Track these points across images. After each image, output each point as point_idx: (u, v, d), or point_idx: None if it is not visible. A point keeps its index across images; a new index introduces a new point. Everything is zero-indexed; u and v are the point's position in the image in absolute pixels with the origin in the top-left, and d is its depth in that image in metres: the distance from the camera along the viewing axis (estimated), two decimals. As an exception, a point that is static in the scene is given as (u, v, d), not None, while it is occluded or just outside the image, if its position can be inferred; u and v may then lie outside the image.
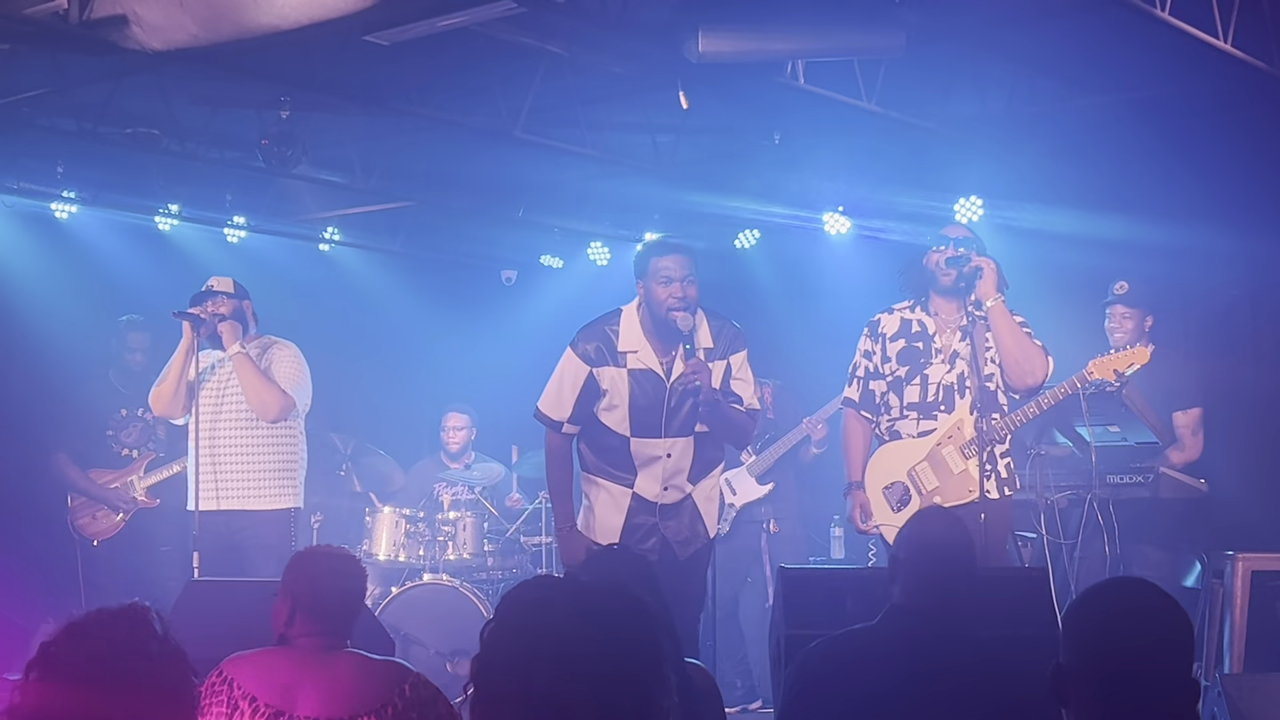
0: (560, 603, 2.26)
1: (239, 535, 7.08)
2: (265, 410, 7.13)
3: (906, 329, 6.26)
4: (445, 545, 8.65)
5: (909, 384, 6.18)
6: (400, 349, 11.19)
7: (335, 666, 3.92)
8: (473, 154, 8.91)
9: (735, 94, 7.82)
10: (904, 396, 6.19)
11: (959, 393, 6.11)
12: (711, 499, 6.10)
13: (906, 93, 7.75)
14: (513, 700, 2.19)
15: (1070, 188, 8.28)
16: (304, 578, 4.04)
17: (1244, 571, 6.67)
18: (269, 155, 8.10)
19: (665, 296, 5.81)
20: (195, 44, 5.92)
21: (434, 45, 6.90)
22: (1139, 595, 2.78)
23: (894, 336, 6.27)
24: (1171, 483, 6.82)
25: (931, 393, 6.15)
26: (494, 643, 2.24)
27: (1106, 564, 6.68)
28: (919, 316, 6.27)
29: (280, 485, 7.25)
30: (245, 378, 7.11)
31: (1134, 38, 6.77)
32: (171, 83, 7.60)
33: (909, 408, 6.17)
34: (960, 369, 6.13)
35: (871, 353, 6.29)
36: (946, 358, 6.17)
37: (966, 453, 6.03)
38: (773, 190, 9.42)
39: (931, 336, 6.21)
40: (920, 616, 3.86)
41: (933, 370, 6.16)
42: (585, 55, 7.36)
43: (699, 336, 5.91)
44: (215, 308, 7.21)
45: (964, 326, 6.18)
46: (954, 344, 6.18)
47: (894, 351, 6.24)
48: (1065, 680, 2.67)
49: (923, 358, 6.19)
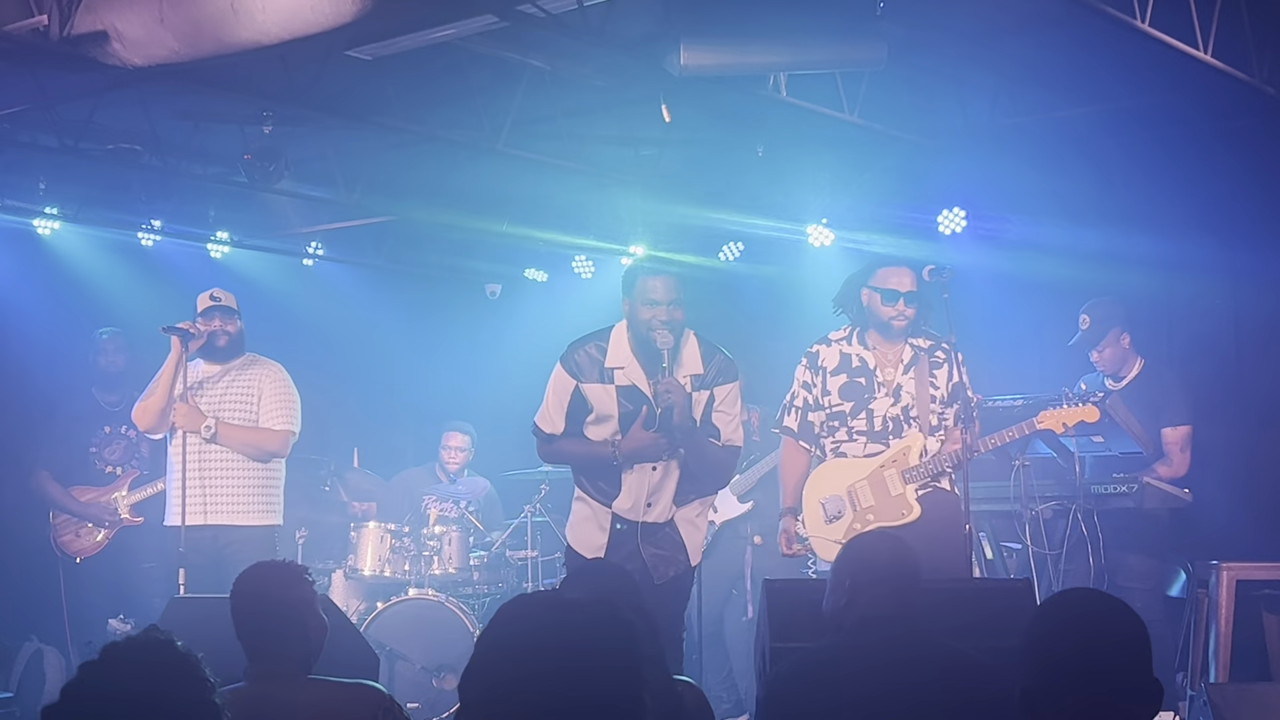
0: (543, 618, 2.27)
1: (225, 550, 7.04)
2: (266, 455, 7.17)
3: (847, 363, 6.23)
4: (431, 560, 8.62)
5: (854, 418, 6.17)
6: (384, 363, 11.18)
7: (293, 698, 3.71)
8: (456, 168, 8.91)
9: (718, 107, 7.84)
10: (852, 426, 6.18)
11: (906, 423, 6.12)
12: (697, 527, 6.06)
13: (889, 105, 7.77)
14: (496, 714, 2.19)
15: (1053, 199, 8.29)
16: (239, 599, 3.89)
17: (1229, 581, 6.68)
18: (251, 170, 8.09)
19: (649, 318, 5.81)
20: (176, 60, 5.91)
21: (416, 60, 6.90)
22: (1088, 604, 2.79)
23: (835, 371, 6.23)
24: (1156, 493, 6.82)
25: (879, 424, 6.14)
26: (478, 657, 2.26)
27: (1091, 574, 6.68)
28: (858, 350, 6.24)
29: (266, 502, 7.24)
30: (236, 444, 7.11)
31: (1115, 49, 6.80)
32: (153, 98, 7.59)
33: (858, 434, 6.17)
34: (905, 401, 6.12)
35: (811, 384, 6.26)
36: (890, 391, 6.16)
37: (907, 477, 6.05)
38: (756, 203, 9.43)
39: (873, 371, 6.19)
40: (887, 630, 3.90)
41: (877, 404, 6.15)
42: (568, 69, 7.38)
43: (687, 360, 5.90)
44: (223, 324, 7.21)
45: (906, 362, 6.18)
46: (896, 378, 6.17)
47: (835, 386, 6.21)
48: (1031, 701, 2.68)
49: (866, 393, 6.17)
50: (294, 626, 3.85)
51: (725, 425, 5.96)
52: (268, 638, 3.81)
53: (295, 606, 3.88)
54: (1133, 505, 6.79)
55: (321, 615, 3.97)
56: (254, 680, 3.77)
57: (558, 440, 6.04)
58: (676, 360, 5.84)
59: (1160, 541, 7.00)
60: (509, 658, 2.21)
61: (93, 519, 8.19)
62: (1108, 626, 2.70)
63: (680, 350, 5.88)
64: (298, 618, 3.87)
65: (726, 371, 5.97)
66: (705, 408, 5.93)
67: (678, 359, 5.86)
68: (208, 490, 7.08)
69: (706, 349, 5.97)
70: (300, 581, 3.97)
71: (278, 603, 3.86)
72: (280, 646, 3.81)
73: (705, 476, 6.01)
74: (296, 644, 3.84)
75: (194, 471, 7.05)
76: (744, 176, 9.05)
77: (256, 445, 7.15)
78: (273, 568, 4.05)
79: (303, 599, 3.92)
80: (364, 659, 5.32)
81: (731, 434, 5.98)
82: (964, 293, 7.54)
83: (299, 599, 3.91)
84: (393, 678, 7.93)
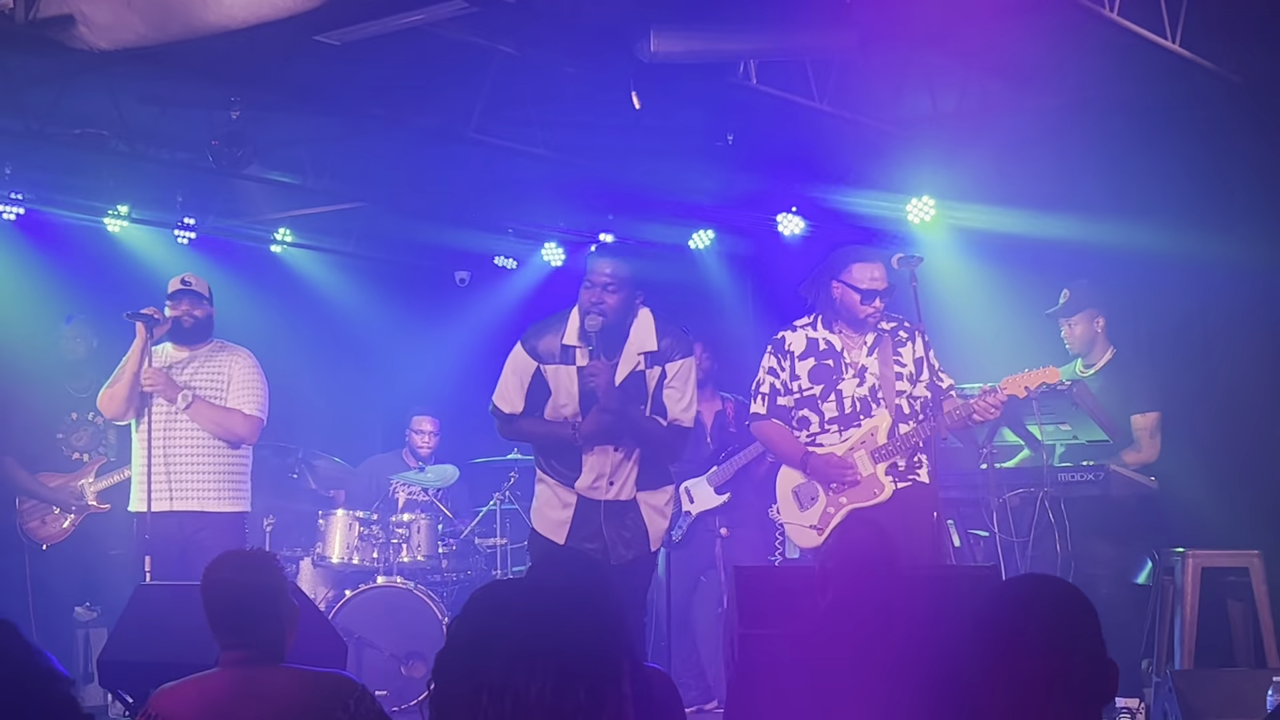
0: (518, 605, 2.26)
1: (193, 538, 7.00)
2: (234, 438, 7.12)
3: (814, 347, 6.24)
4: (399, 548, 8.60)
5: (824, 401, 6.18)
6: (353, 350, 11.15)
7: (267, 685, 3.69)
8: (425, 154, 8.88)
9: (688, 94, 7.82)
10: (823, 413, 6.19)
11: (874, 402, 6.14)
12: (661, 513, 6.04)
13: (859, 93, 7.78)
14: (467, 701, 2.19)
15: (1021, 188, 8.31)
16: (210, 586, 3.87)
17: (1194, 568, 6.71)
18: (219, 156, 8.05)
19: (585, 300, 5.83)
20: (143, 44, 5.87)
21: (385, 45, 6.87)
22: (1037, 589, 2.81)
23: (803, 355, 6.24)
24: (1122, 480, 6.86)
25: (848, 405, 6.16)
26: (452, 642, 2.25)
27: (1058, 561, 6.71)
28: (824, 335, 6.25)
29: (235, 489, 7.20)
30: (207, 421, 7.07)
31: (1084, 38, 6.82)
32: (120, 83, 7.54)
33: (830, 422, 6.18)
34: (871, 382, 6.15)
35: (778, 370, 6.25)
36: (856, 372, 6.19)
37: (876, 457, 6.07)
38: (726, 190, 9.43)
39: (840, 353, 6.21)
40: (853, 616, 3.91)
41: (845, 385, 6.17)
42: (537, 55, 7.35)
43: (641, 337, 5.89)
44: (191, 308, 7.17)
45: (870, 343, 6.19)
46: (861, 359, 6.19)
47: (804, 370, 6.22)
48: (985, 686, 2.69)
49: (834, 374, 6.18)
50: (267, 613, 3.83)
51: (673, 403, 5.92)
52: (241, 625, 3.79)
53: (268, 593, 3.86)
54: (1099, 493, 6.82)
55: (292, 602, 3.96)
56: (227, 666, 3.76)
57: (517, 420, 6.06)
58: (611, 342, 5.84)
59: (1127, 529, 7.03)
60: (483, 644, 2.21)
61: (60, 504, 8.15)
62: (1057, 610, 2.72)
63: (629, 329, 5.87)
64: (270, 605, 3.85)
65: (679, 347, 5.94)
66: (656, 385, 5.92)
67: (619, 338, 5.85)
68: (173, 476, 7.04)
69: (662, 325, 5.95)
70: (272, 568, 3.95)
71: (251, 590, 3.83)
72: (253, 634, 3.79)
73: (650, 453, 5.99)
74: (270, 631, 3.82)
75: (160, 457, 7.01)
76: (714, 164, 9.04)
77: (227, 426, 7.10)
78: (244, 555, 4.03)
79: (275, 586, 3.90)
80: (332, 647, 5.31)
81: (680, 413, 5.94)
82: (932, 281, 7.59)
83: (271, 586, 3.89)
84: (361, 665, 7.91)
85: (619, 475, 5.95)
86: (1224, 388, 8.05)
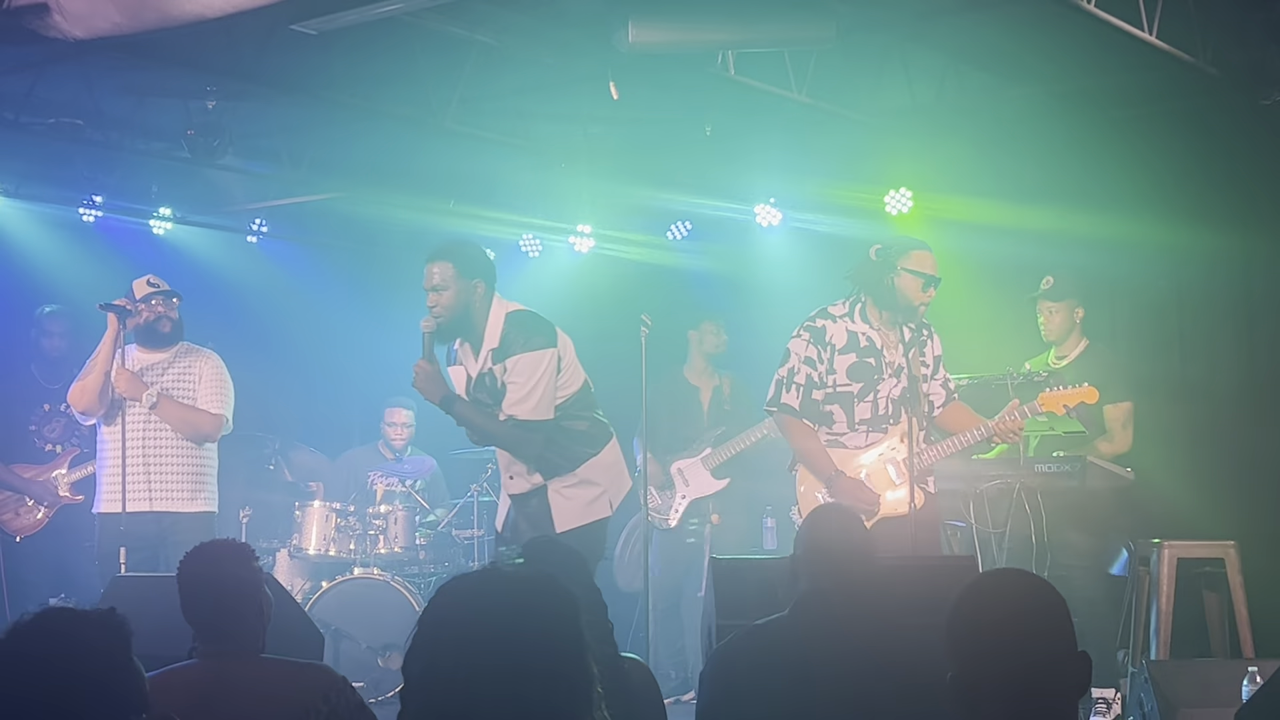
0: (482, 593, 2.27)
1: (168, 536, 6.98)
2: (199, 437, 7.10)
3: (855, 342, 6.13)
4: (376, 539, 8.59)
5: (861, 400, 6.08)
6: (329, 341, 11.10)
7: (248, 677, 3.67)
8: (402, 144, 8.86)
9: (666, 85, 7.82)
10: (855, 413, 6.09)
11: (905, 405, 6.04)
12: (568, 498, 5.97)
13: (837, 84, 7.78)
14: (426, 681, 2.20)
15: (999, 179, 8.33)
16: (188, 578, 3.85)
17: (1170, 559, 6.75)
18: (195, 146, 8.01)
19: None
20: (119, 32, 5.83)
21: (362, 35, 6.85)
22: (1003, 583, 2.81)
23: (844, 349, 6.12)
24: (1099, 471, 6.87)
25: (882, 407, 6.10)
26: (420, 634, 2.26)
27: (1034, 552, 6.72)
28: (864, 329, 6.15)
29: (207, 488, 7.21)
30: (173, 418, 7.05)
31: (1061, 29, 6.83)
32: (95, 72, 7.50)
33: (860, 423, 6.09)
34: (904, 383, 6.07)
35: (815, 361, 6.10)
36: (894, 372, 6.13)
37: (903, 469, 6.01)
38: (704, 182, 9.42)
39: (880, 351, 6.12)
40: (826, 606, 3.92)
41: (883, 386, 6.11)
42: (515, 45, 7.33)
43: (489, 335, 5.93)
44: (165, 310, 7.14)
45: (905, 341, 6.14)
46: (898, 359, 6.13)
47: (843, 365, 6.09)
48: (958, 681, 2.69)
49: (876, 374, 6.09)
50: (248, 605, 3.83)
51: (509, 396, 5.86)
52: (220, 617, 3.78)
53: (248, 585, 3.85)
54: (1076, 484, 6.83)
55: (269, 594, 3.95)
56: (206, 659, 3.74)
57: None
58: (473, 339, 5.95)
59: (1102, 520, 7.05)
60: (449, 633, 2.21)
61: (34, 495, 8.11)
62: (1024, 603, 2.72)
63: (482, 326, 5.93)
64: (251, 596, 3.84)
65: (519, 342, 5.86)
66: (502, 380, 5.91)
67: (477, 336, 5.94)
68: (152, 476, 7.03)
69: (510, 321, 5.93)
70: (251, 559, 3.94)
71: (232, 581, 3.82)
72: (233, 625, 3.78)
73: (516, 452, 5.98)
74: (248, 623, 3.81)
75: (138, 457, 6.99)
76: (692, 155, 9.04)
77: (193, 425, 7.09)
78: (223, 546, 4.01)
79: (254, 577, 3.90)
80: (309, 638, 5.29)
81: (513, 407, 5.83)
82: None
83: (250, 578, 3.89)
84: (338, 657, 7.90)
85: (513, 469, 6.02)
86: (1199, 378, 8.09)
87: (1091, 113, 7.95)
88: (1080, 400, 6.35)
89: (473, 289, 5.94)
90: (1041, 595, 2.74)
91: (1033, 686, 2.63)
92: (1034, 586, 2.76)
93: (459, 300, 5.92)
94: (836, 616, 3.89)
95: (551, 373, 5.87)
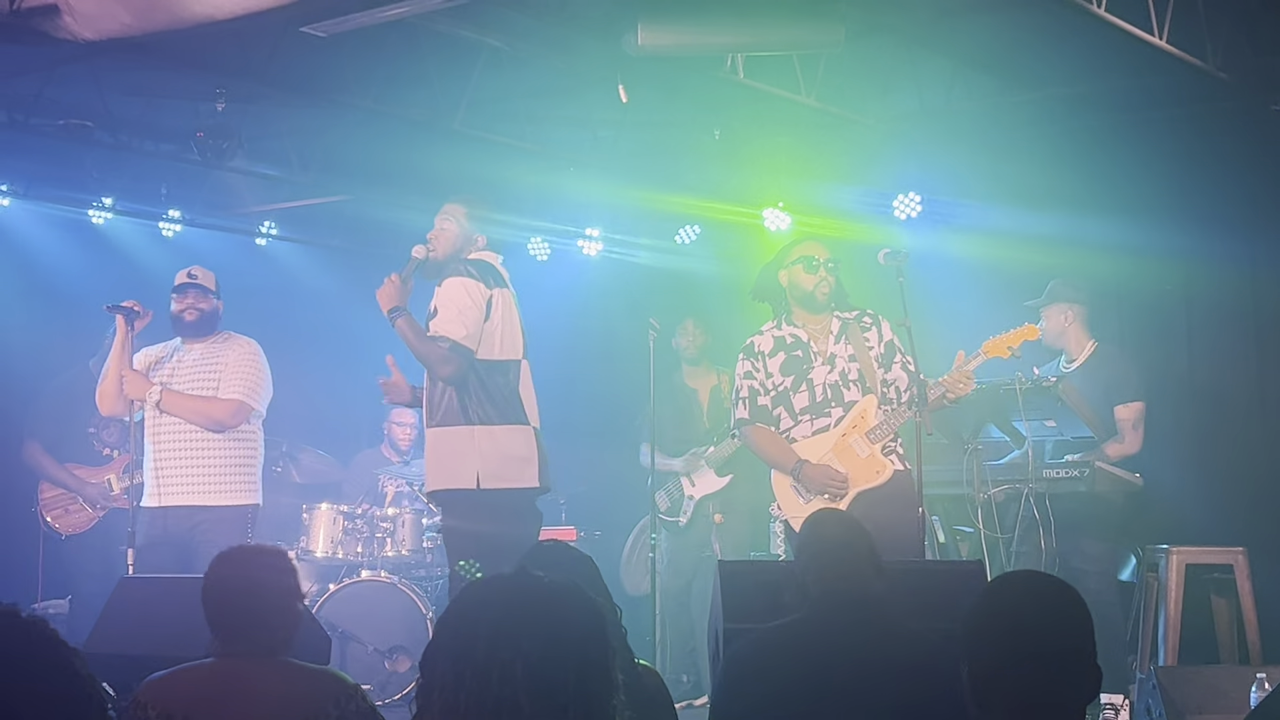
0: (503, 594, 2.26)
1: (198, 530, 6.92)
2: (215, 425, 7.02)
3: (783, 343, 6.29)
4: (384, 542, 8.58)
5: (796, 392, 6.20)
6: (338, 344, 11.10)
7: (260, 679, 3.62)
8: (411, 147, 8.85)
9: (676, 88, 7.82)
10: (794, 405, 6.21)
11: (845, 387, 6.16)
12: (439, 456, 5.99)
13: (846, 88, 7.78)
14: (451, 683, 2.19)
15: (1007, 183, 8.32)
16: (213, 581, 3.78)
17: (1178, 565, 6.74)
18: (205, 148, 8.02)
19: None
20: (128, 34, 5.85)
21: (372, 37, 6.86)
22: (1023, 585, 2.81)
23: (772, 352, 6.28)
24: (1107, 477, 6.86)
25: (819, 393, 6.18)
26: (437, 635, 2.26)
27: (1043, 557, 6.72)
28: (789, 331, 6.31)
29: (244, 480, 7.11)
30: (181, 411, 7.00)
31: (1071, 34, 6.83)
32: (105, 74, 7.51)
33: (801, 413, 6.19)
34: (841, 368, 6.17)
35: (753, 372, 6.30)
36: (825, 359, 6.21)
37: (872, 437, 6.07)
38: (713, 185, 9.42)
39: (808, 343, 6.26)
40: (841, 609, 3.91)
41: (815, 374, 6.20)
42: (525, 48, 7.34)
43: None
44: (196, 301, 7.14)
45: (835, 332, 6.24)
46: (829, 347, 6.23)
47: (775, 366, 6.26)
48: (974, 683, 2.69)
49: (805, 364, 6.22)
50: (270, 610, 3.75)
51: (439, 316, 5.96)
52: (240, 619, 3.71)
53: (272, 590, 3.78)
54: (1084, 489, 6.83)
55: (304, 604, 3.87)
56: (220, 658, 3.70)
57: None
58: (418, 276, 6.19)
59: (1112, 525, 7.04)
60: (469, 630, 2.20)
61: (86, 497, 8.12)
62: (1043, 606, 2.72)
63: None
64: (275, 602, 3.77)
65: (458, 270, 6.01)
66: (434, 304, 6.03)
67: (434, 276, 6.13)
68: (161, 472, 7.00)
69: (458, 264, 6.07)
70: (279, 565, 3.86)
71: (255, 585, 3.74)
72: (252, 628, 3.71)
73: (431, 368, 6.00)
74: (271, 627, 3.74)
75: (172, 449, 6.97)
76: (701, 159, 9.04)
77: (204, 414, 7.02)
78: (251, 552, 3.92)
79: (281, 582, 3.82)
80: (316, 641, 5.29)
81: (442, 325, 5.93)
82: (919, 277, 7.58)
83: (276, 582, 3.80)
84: (345, 660, 7.90)
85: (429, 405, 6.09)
86: (1208, 382, 8.08)
87: (1100, 117, 7.95)
88: (1023, 339, 6.32)
89: (473, 239, 6.14)
90: (1063, 597, 2.74)
91: (1046, 688, 2.62)
92: (1056, 589, 2.76)
93: (456, 242, 6.11)
94: (851, 620, 3.88)
95: (478, 306, 5.95)
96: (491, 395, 5.93)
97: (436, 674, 2.22)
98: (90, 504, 8.13)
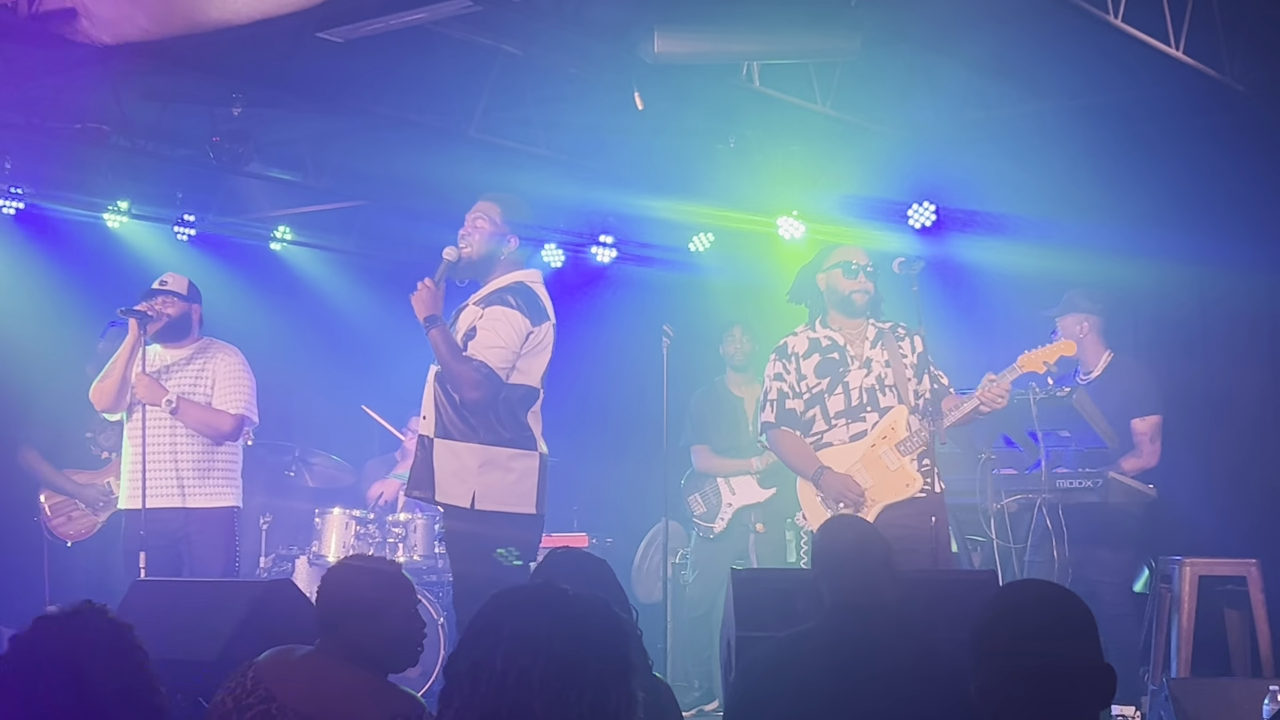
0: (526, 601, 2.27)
1: (188, 530, 6.95)
2: (221, 437, 7.02)
3: (817, 345, 6.25)
4: (395, 547, 8.58)
5: (831, 395, 6.16)
6: (352, 349, 11.12)
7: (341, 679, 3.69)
8: (426, 153, 8.87)
9: (691, 96, 7.82)
10: (829, 407, 6.16)
11: (881, 392, 6.12)
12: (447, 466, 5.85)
13: (861, 97, 7.78)
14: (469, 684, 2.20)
15: (1023, 192, 8.31)
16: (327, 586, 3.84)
17: (1191, 576, 6.72)
18: (220, 152, 8.04)
19: None
20: (146, 38, 5.88)
21: (388, 43, 6.87)
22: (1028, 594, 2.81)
23: (806, 354, 6.24)
24: (1121, 488, 6.85)
25: (855, 397, 6.14)
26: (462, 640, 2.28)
27: (1056, 568, 6.70)
28: (825, 333, 6.26)
29: (230, 483, 7.16)
30: (194, 421, 6.99)
31: (1087, 43, 6.83)
32: (122, 78, 7.53)
33: (836, 416, 6.14)
34: (878, 372, 6.14)
35: (784, 374, 6.25)
36: (862, 363, 6.18)
37: (902, 449, 6.03)
38: (727, 193, 9.41)
39: (844, 347, 6.21)
40: (855, 619, 3.91)
41: (852, 377, 6.16)
42: (540, 55, 7.35)
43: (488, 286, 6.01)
44: (163, 307, 7.09)
45: (871, 338, 6.21)
46: (865, 352, 6.20)
47: (810, 368, 6.21)
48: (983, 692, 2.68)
49: (841, 366, 6.18)
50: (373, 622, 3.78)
51: (480, 339, 5.82)
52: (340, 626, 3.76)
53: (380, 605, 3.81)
54: (1097, 500, 6.81)
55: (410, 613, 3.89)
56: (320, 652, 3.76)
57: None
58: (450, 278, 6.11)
59: (1125, 536, 7.02)
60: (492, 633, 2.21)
61: (86, 501, 8.12)
62: (1047, 614, 2.71)
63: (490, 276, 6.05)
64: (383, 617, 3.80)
65: (507, 301, 5.88)
66: (473, 322, 5.91)
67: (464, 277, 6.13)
68: (170, 471, 7.01)
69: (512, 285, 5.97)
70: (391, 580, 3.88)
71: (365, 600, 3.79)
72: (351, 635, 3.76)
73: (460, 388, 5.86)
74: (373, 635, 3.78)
75: (166, 452, 6.98)
76: (715, 167, 9.04)
77: (213, 426, 7.03)
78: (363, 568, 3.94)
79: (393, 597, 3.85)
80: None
81: (479, 349, 5.79)
82: (933, 286, 7.59)
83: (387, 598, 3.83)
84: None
85: (426, 409, 6.02)
86: (1222, 393, 8.05)
87: (1116, 127, 7.94)
88: (1060, 355, 6.29)
89: (506, 240, 6.03)
90: (1070, 605, 2.73)
91: (1056, 697, 2.62)
92: (1059, 597, 2.76)
93: (489, 244, 5.99)
94: (865, 629, 3.87)
95: (519, 339, 5.85)
96: (502, 418, 5.87)
97: (457, 677, 2.23)
98: (91, 507, 8.13)
